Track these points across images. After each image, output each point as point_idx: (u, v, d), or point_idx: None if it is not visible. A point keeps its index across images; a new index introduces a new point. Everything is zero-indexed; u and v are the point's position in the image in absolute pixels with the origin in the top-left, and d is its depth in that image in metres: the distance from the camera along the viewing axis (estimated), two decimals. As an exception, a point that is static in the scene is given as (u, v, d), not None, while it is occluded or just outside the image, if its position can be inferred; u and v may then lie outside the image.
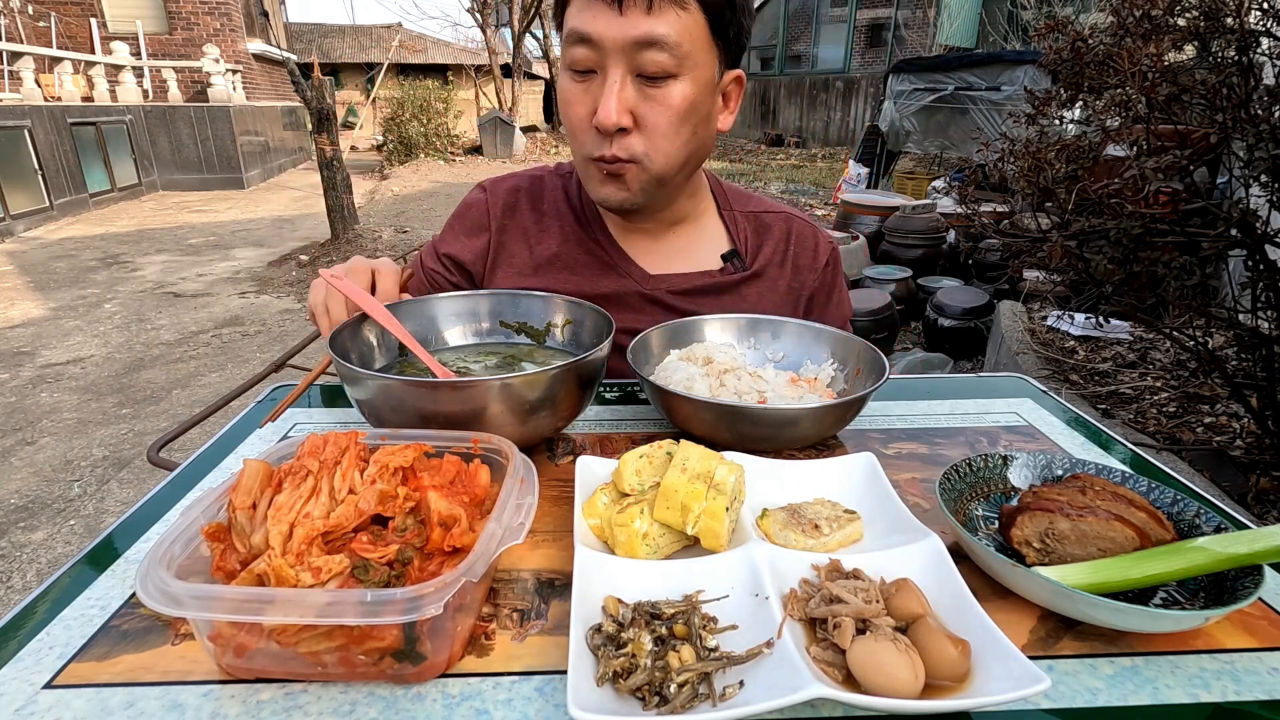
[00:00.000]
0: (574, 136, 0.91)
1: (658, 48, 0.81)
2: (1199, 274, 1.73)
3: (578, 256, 1.05)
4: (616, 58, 0.82)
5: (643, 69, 0.83)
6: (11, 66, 7.97)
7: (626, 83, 0.84)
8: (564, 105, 0.90)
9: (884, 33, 12.84)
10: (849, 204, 5.27)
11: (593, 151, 0.89)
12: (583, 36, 0.83)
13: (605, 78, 0.84)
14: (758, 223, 1.11)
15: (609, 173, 0.90)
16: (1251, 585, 0.49)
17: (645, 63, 0.82)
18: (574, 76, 0.87)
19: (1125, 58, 1.61)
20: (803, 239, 1.11)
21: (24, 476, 2.83)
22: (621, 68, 0.83)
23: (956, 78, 5.97)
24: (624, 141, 0.87)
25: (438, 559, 0.49)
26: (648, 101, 0.85)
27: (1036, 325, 3.25)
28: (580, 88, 0.87)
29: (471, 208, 1.10)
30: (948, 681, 0.43)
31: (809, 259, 1.10)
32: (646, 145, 0.88)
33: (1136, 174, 1.62)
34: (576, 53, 0.84)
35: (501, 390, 0.64)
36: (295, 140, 13.55)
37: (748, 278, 1.07)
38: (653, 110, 0.86)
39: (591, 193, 0.96)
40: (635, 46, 0.81)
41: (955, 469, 0.63)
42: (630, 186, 0.91)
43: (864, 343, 0.85)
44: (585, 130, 0.88)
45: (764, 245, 1.09)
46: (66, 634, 0.50)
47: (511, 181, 1.12)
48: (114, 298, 5.17)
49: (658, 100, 0.85)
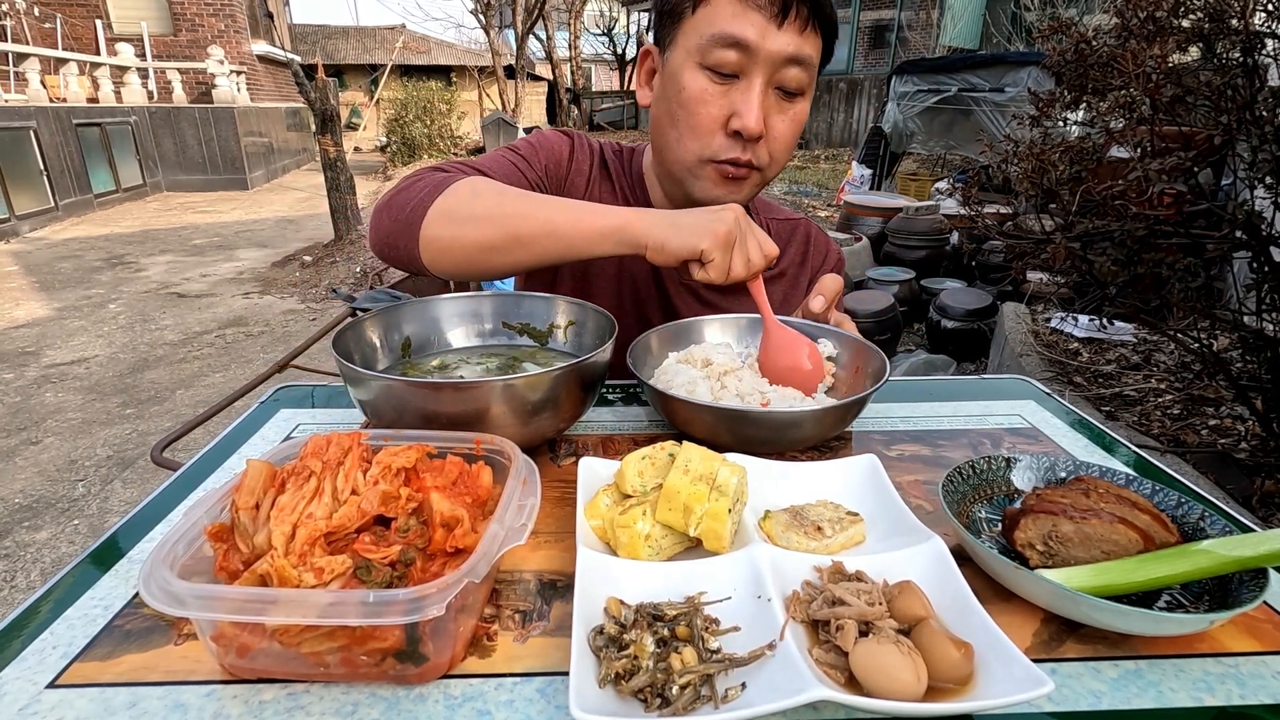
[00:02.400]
0: (695, 134, 0.91)
1: (802, 66, 0.86)
2: (1203, 276, 1.73)
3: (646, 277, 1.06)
4: (764, 68, 0.85)
5: (783, 83, 0.87)
6: (17, 68, 8.01)
7: (767, 94, 0.88)
8: (695, 104, 0.90)
9: (887, 34, 12.83)
10: (852, 205, 5.27)
11: (720, 154, 0.90)
12: (737, 41, 0.84)
13: (749, 85, 0.86)
14: (780, 227, 1.16)
15: (733, 176, 0.92)
16: (1256, 589, 0.49)
17: (787, 78, 0.87)
18: (713, 77, 0.88)
19: (1129, 59, 1.61)
20: (818, 243, 1.18)
21: (28, 476, 2.84)
22: (764, 78, 0.86)
23: (960, 79, 5.96)
24: (754, 148, 0.90)
25: (440, 560, 0.49)
26: (779, 115, 0.90)
27: (1040, 327, 3.24)
28: (718, 89, 0.88)
29: (557, 143, 1.08)
30: (950, 684, 0.43)
31: (819, 262, 1.17)
32: (770, 155, 0.92)
33: (1140, 176, 1.62)
34: (725, 56, 0.85)
35: (504, 391, 0.64)
36: (299, 141, 13.58)
37: (774, 278, 1.11)
38: (781, 122, 0.90)
39: (699, 191, 0.96)
40: (785, 61, 0.85)
41: (958, 471, 0.63)
42: (744, 190, 0.95)
43: (865, 342, 0.85)
44: (714, 132, 0.90)
45: (788, 248, 1.15)
46: (70, 633, 0.50)
47: (595, 147, 1.11)
48: (118, 298, 5.19)
49: (788, 115, 0.90)
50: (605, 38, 22.95)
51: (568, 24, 19.83)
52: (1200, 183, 1.82)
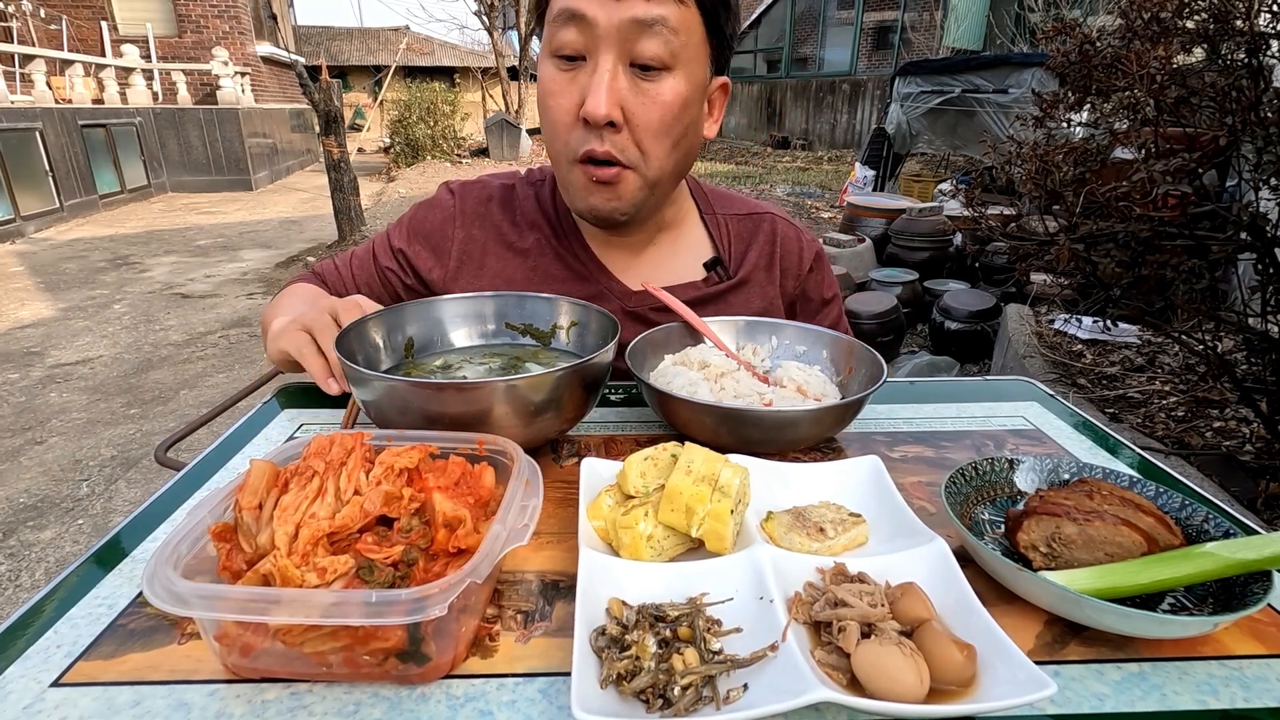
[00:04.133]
0: (554, 133, 0.83)
1: (654, 32, 0.76)
2: (1208, 277, 1.72)
3: (554, 271, 0.99)
4: (609, 42, 0.76)
5: (637, 57, 0.77)
6: (23, 69, 8.04)
7: (618, 72, 0.78)
8: (545, 96, 0.82)
9: (890, 35, 12.81)
10: (855, 206, 5.26)
11: (578, 149, 0.81)
12: (573, 14, 0.76)
13: (595, 65, 0.77)
14: (741, 225, 1.05)
15: (599, 179, 0.83)
16: (1260, 591, 0.49)
17: (640, 50, 0.76)
18: (559, 64, 0.80)
19: (1133, 60, 1.61)
20: (786, 240, 1.06)
21: (33, 476, 2.85)
22: (614, 54, 0.77)
23: (963, 80, 5.95)
24: (614, 139, 0.80)
25: (442, 560, 0.49)
26: (640, 96, 0.79)
27: (1044, 328, 3.24)
28: (566, 76, 0.80)
29: (435, 210, 1.02)
30: (953, 686, 0.43)
31: (794, 262, 1.06)
32: (639, 146, 0.81)
33: (1145, 177, 1.61)
34: (564, 35, 0.77)
35: (506, 392, 0.64)
36: (303, 142, 13.62)
37: (733, 286, 1.02)
38: (644, 106, 0.79)
39: (575, 202, 0.88)
40: (631, 28, 0.75)
41: (961, 472, 0.63)
42: (622, 195, 0.85)
43: (860, 344, 0.85)
44: (570, 126, 0.81)
45: (750, 250, 1.04)
46: (74, 633, 0.50)
47: (481, 190, 1.03)
48: (123, 298, 5.20)
49: (650, 95, 0.79)
50: (608, 39, 22.90)
51: (571, 25, 19.81)
52: (1205, 184, 1.82)
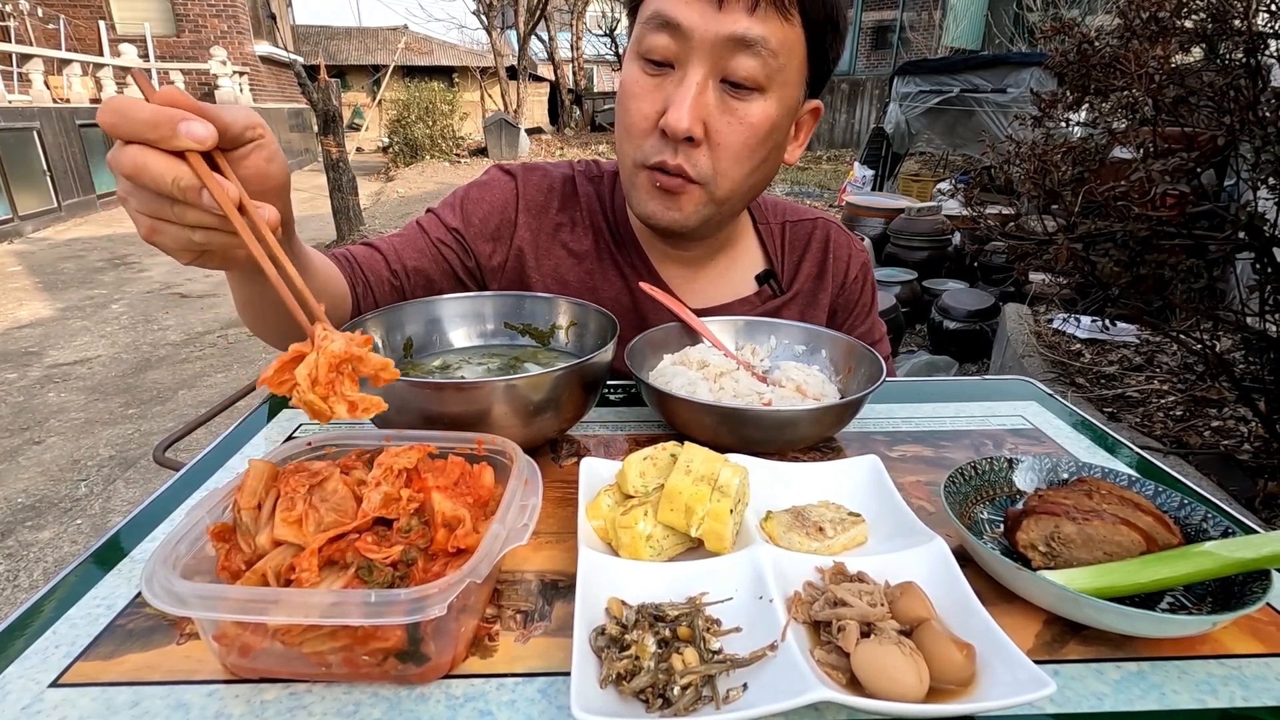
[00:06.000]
0: (628, 135, 0.79)
1: (752, 51, 0.71)
2: (1206, 277, 1.72)
3: (611, 279, 0.95)
4: (703, 54, 0.72)
5: (729, 74, 0.73)
6: (21, 69, 8.03)
7: (707, 86, 0.73)
8: (626, 98, 0.77)
9: (889, 35, 12.82)
10: (854, 206, 5.27)
11: (650, 156, 0.77)
12: (668, 21, 0.71)
13: (684, 75, 0.73)
14: (794, 233, 1.02)
15: (663, 186, 0.79)
16: (1259, 590, 0.49)
17: (734, 67, 0.72)
18: (646, 67, 0.75)
19: (1132, 60, 1.61)
20: (838, 248, 1.03)
21: (31, 476, 2.84)
22: (705, 67, 0.72)
23: (962, 80, 5.96)
24: (690, 153, 0.76)
25: (442, 560, 0.49)
26: (725, 115, 0.74)
27: (1042, 328, 3.24)
28: (651, 81, 0.75)
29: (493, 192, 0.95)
30: (952, 685, 0.43)
31: (842, 268, 1.02)
32: (714, 166, 0.77)
33: (1143, 176, 1.62)
34: (656, 40, 0.73)
35: (506, 392, 0.64)
36: (301, 142, 13.61)
37: (787, 301, 0.99)
38: (728, 125, 0.75)
39: (636, 205, 0.84)
40: (728, 45, 0.71)
41: (960, 472, 0.63)
42: (684, 208, 0.81)
43: (860, 344, 0.85)
44: (646, 132, 0.77)
45: (803, 261, 1.00)
46: (72, 633, 0.50)
47: (542, 179, 0.97)
48: (121, 298, 5.20)
49: (736, 115, 0.74)
50: (607, 38, 22.95)
51: (570, 25, 19.86)
52: (1203, 184, 1.82)
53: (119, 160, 0.47)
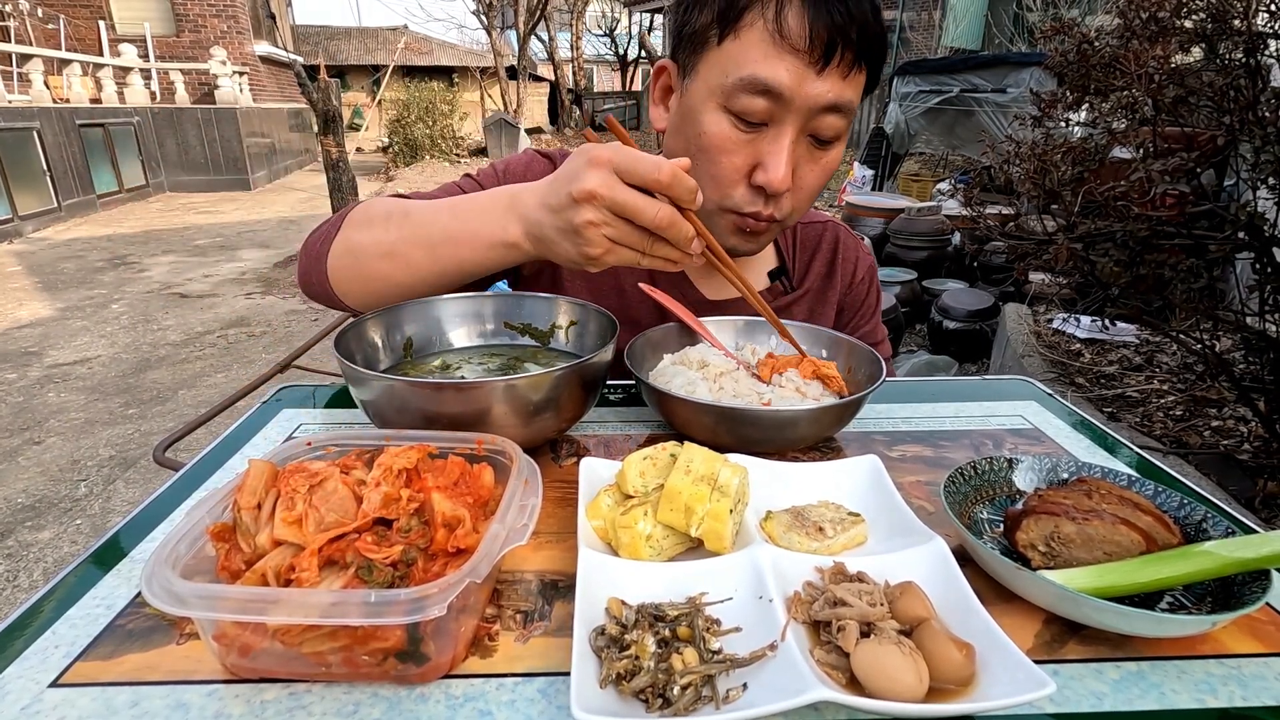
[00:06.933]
0: (716, 183, 0.81)
1: (841, 114, 0.76)
2: (1206, 277, 1.72)
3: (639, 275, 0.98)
4: (798, 117, 0.75)
5: (819, 132, 0.77)
6: (21, 69, 8.03)
7: (799, 142, 0.78)
8: (716, 152, 0.80)
9: (889, 34, 12.82)
10: (854, 206, 5.27)
11: (741, 206, 0.81)
12: (768, 89, 0.73)
13: (779, 134, 0.76)
14: (805, 234, 1.06)
15: (751, 230, 0.84)
16: (1259, 590, 0.49)
17: (824, 127, 0.76)
18: (738, 124, 0.77)
19: (1131, 60, 1.61)
20: (847, 250, 1.07)
21: (31, 476, 2.84)
22: (797, 127, 0.76)
23: (962, 80, 5.96)
24: (780, 201, 0.81)
25: (441, 560, 0.49)
26: (810, 164, 0.80)
27: (1042, 328, 3.24)
28: (743, 138, 0.78)
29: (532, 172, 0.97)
30: (952, 685, 0.43)
31: (849, 270, 1.07)
32: (794, 205, 0.83)
33: (1143, 176, 1.62)
34: (754, 103, 0.75)
35: (505, 392, 0.64)
36: (301, 142, 13.60)
37: (798, 298, 1.03)
38: (811, 172, 0.80)
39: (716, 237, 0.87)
40: (822, 110, 0.75)
41: (960, 472, 0.63)
42: (761, 240, 0.86)
43: (860, 344, 0.85)
44: (736, 183, 0.80)
45: (814, 261, 1.05)
46: (72, 633, 0.50)
47: None
48: (121, 298, 5.20)
49: (819, 163, 0.80)
50: (607, 38, 22.98)
51: (569, 25, 19.87)
52: (1203, 184, 1.82)
53: (636, 205, 0.60)
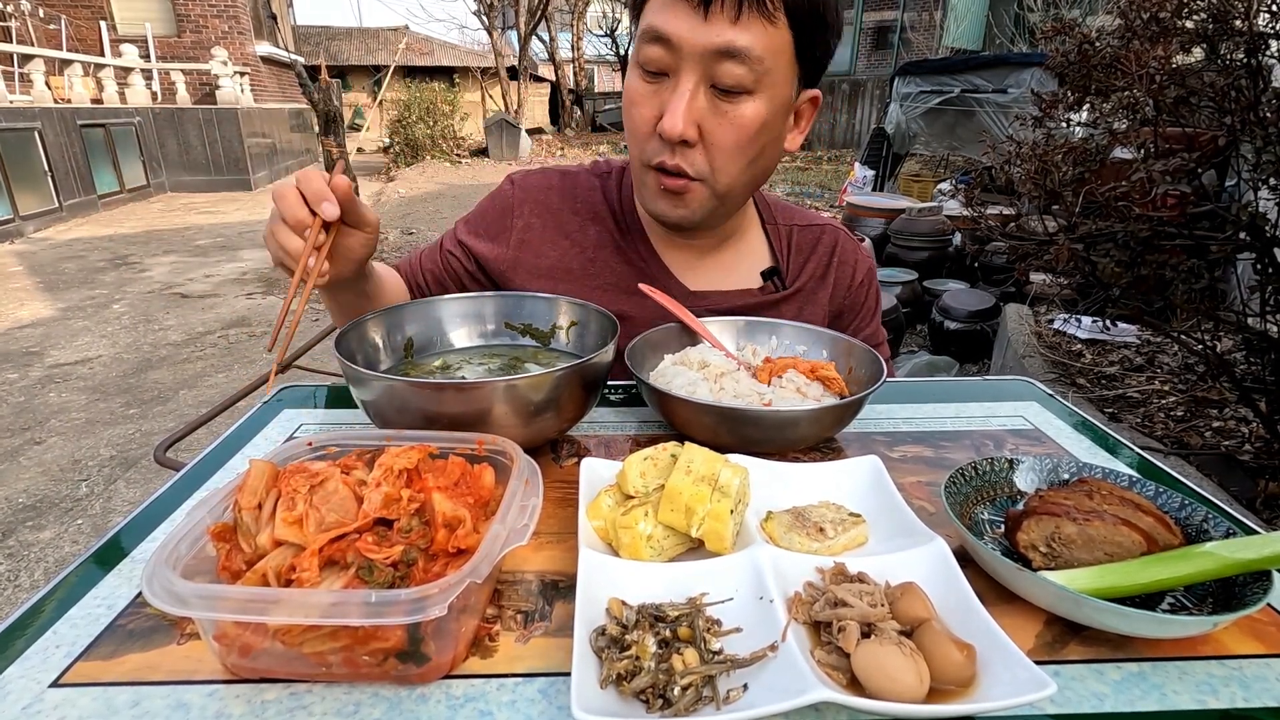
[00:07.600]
0: (634, 138, 0.86)
1: (737, 60, 0.76)
2: (1207, 277, 1.72)
3: (613, 265, 1.00)
4: (692, 64, 0.78)
5: (718, 80, 0.78)
6: (22, 69, 8.03)
7: (698, 92, 0.79)
8: (629, 105, 0.85)
9: (890, 35, 12.83)
10: (854, 206, 5.26)
11: (652, 158, 0.84)
12: (659, 36, 0.77)
13: (677, 83, 0.79)
14: (803, 237, 1.07)
15: (667, 188, 0.86)
16: (1260, 591, 0.49)
17: (721, 74, 0.77)
18: (644, 76, 0.82)
19: (1132, 60, 1.61)
20: (844, 254, 1.08)
21: (32, 476, 2.84)
22: (695, 75, 0.78)
23: (963, 80, 5.96)
24: (687, 154, 0.82)
25: (442, 560, 0.49)
26: (717, 116, 0.80)
27: (1043, 328, 3.24)
28: (649, 89, 0.82)
29: (497, 201, 1.05)
30: (953, 686, 0.43)
31: (847, 274, 1.08)
32: (710, 163, 0.83)
33: (1144, 177, 1.61)
34: (650, 52, 0.79)
35: (506, 392, 0.64)
36: (302, 142, 13.60)
37: (787, 296, 1.03)
38: (720, 126, 0.81)
39: (646, 203, 0.91)
40: (714, 55, 0.76)
41: (961, 472, 0.63)
42: (689, 205, 0.87)
43: (860, 344, 0.85)
44: (648, 135, 0.83)
45: (808, 262, 1.06)
46: (73, 633, 0.50)
47: (542, 179, 1.05)
48: (122, 298, 5.20)
49: (728, 116, 0.80)
50: (608, 39, 22.98)
51: (570, 25, 19.88)
52: (1204, 184, 1.82)
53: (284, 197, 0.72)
